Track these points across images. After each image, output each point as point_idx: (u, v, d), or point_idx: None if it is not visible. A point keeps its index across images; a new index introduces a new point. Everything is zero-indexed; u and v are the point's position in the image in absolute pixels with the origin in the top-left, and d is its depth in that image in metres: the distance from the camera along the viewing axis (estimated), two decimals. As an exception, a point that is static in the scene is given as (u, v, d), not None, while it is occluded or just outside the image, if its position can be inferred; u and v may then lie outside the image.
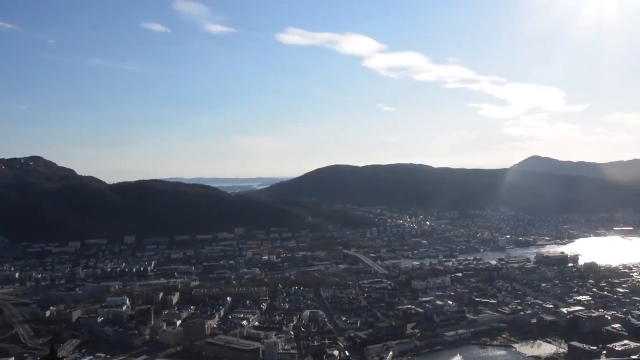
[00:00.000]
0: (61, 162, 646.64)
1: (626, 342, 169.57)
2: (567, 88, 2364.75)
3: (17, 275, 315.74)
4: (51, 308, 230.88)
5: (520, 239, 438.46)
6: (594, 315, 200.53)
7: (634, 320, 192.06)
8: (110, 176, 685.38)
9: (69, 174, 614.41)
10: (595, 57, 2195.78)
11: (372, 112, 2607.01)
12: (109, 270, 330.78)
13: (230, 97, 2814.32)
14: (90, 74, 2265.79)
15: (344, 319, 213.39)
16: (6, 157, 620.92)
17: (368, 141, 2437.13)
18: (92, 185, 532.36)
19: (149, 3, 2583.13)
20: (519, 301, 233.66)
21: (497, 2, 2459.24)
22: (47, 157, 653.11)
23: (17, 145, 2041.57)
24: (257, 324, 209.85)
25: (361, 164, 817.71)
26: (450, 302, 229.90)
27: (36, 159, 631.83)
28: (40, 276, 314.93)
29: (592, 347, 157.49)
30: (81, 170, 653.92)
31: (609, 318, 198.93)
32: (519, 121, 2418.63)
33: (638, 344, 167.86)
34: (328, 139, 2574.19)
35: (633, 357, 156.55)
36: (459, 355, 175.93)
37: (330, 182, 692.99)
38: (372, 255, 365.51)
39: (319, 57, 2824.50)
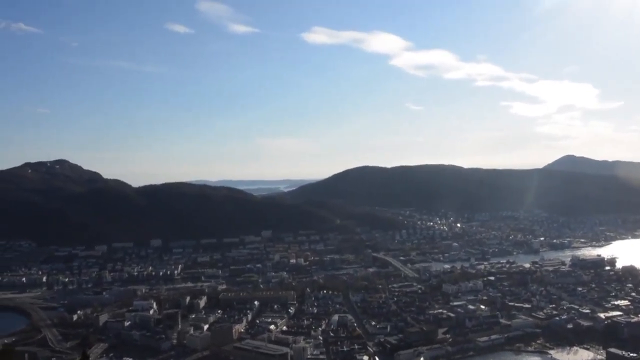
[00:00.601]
0: (86, 165, 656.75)
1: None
2: (600, 85, 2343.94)
3: (44, 279, 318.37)
4: (78, 312, 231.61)
5: (555, 241, 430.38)
6: (633, 320, 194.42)
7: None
8: (136, 179, 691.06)
9: (94, 177, 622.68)
10: (628, 53, 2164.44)
11: (400, 112, 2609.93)
12: (135, 273, 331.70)
13: (255, 98, 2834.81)
14: (113, 77, 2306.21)
15: (373, 323, 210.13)
16: (32, 161, 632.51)
17: (396, 141, 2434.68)
18: (117, 188, 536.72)
19: (171, 4, 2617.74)
20: (553, 305, 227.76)
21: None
22: (72, 161, 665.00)
23: (42, 149, 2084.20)
24: (284, 328, 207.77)
25: (389, 165, 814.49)
26: (483, 307, 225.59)
27: (62, 162, 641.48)
28: (67, 280, 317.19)
29: (631, 354, 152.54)
30: (106, 173, 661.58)
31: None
32: (551, 119, 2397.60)
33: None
34: (355, 140, 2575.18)
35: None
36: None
37: (358, 183, 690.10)
38: (401, 258, 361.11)
39: (344, 56, 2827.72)
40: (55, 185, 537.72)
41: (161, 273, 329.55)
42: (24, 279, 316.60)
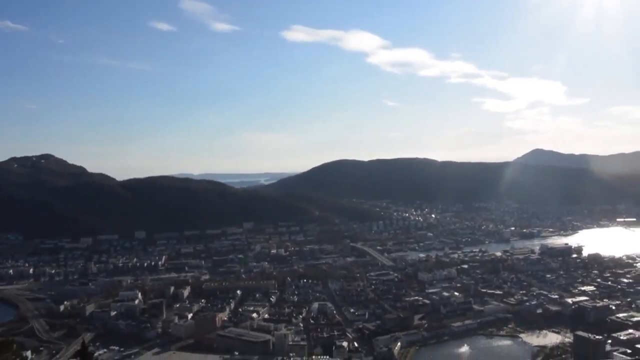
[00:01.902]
0: (72, 160, 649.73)
1: (631, 331, 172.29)
2: (568, 82, 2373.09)
3: (31, 271, 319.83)
4: (65, 302, 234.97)
5: (524, 230, 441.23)
6: (598, 305, 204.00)
7: None
8: (120, 173, 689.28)
9: (79, 171, 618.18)
10: (595, 51, 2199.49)
11: (377, 108, 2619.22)
12: (120, 265, 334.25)
13: (236, 94, 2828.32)
14: (98, 73, 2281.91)
15: (352, 310, 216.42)
16: (18, 156, 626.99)
17: (372, 136, 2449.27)
18: (102, 182, 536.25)
19: (155, 2, 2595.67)
20: (524, 292, 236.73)
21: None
22: (57, 155, 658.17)
23: (28, 144, 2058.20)
24: (266, 316, 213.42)
25: (366, 159, 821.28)
26: (457, 293, 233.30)
27: (47, 157, 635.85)
28: (53, 271, 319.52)
29: (597, 336, 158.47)
30: (91, 168, 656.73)
31: (613, 307, 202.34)
32: (521, 115, 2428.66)
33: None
34: (333, 134, 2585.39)
35: (637, 345, 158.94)
36: (465, 345, 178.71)
37: (336, 176, 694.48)
38: (378, 247, 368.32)
39: (323, 53, 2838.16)
40: (41, 180, 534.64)
41: (146, 264, 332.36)
42: (11, 271, 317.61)
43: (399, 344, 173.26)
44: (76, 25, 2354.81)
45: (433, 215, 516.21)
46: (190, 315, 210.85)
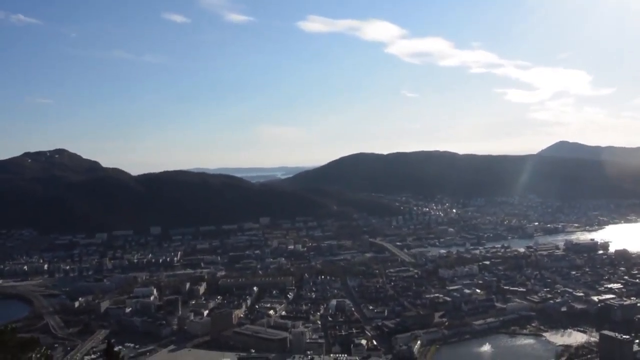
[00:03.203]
0: (86, 155, 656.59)
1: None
2: (594, 71, 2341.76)
3: (45, 267, 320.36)
4: (80, 299, 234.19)
5: (549, 225, 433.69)
6: (625, 303, 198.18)
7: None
8: (135, 167, 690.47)
9: (94, 165, 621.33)
10: (621, 39, 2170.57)
11: (396, 99, 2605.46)
12: (135, 261, 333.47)
13: (252, 87, 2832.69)
14: (112, 67, 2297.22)
15: (370, 307, 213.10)
16: (31, 151, 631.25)
17: (392, 128, 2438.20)
18: (117, 177, 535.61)
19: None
20: (548, 289, 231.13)
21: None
22: (71, 150, 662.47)
23: (41, 139, 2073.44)
24: (283, 313, 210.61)
25: (385, 152, 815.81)
26: (478, 291, 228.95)
27: (61, 152, 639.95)
28: (68, 267, 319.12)
29: (624, 336, 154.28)
30: (106, 162, 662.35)
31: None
32: (545, 106, 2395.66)
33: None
34: (351, 127, 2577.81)
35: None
36: (487, 344, 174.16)
37: (355, 170, 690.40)
38: (398, 243, 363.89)
39: (340, 44, 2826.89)
40: (55, 175, 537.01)
41: (161, 260, 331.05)
42: (25, 267, 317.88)
43: (418, 342, 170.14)
44: (89, 18, 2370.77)
45: (454, 210, 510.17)
46: (206, 312, 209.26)
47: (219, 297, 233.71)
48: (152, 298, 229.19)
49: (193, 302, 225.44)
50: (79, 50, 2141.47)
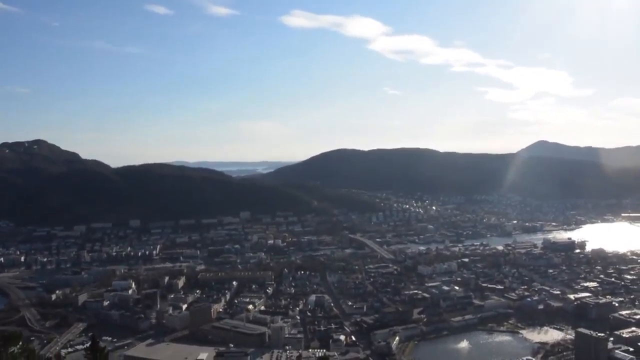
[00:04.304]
0: (65, 146, 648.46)
1: (633, 328, 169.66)
2: (574, 72, 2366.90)
3: (22, 259, 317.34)
4: (57, 291, 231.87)
5: (527, 224, 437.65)
6: (601, 301, 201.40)
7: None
8: (114, 160, 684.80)
9: (72, 157, 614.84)
10: (602, 41, 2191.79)
11: (378, 96, 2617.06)
12: (114, 253, 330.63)
13: (234, 80, 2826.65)
14: (93, 57, 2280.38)
15: (349, 303, 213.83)
16: (10, 141, 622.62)
17: (373, 125, 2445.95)
18: (96, 169, 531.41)
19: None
20: (525, 287, 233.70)
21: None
22: (50, 141, 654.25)
23: (20, 129, 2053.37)
24: (262, 308, 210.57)
25: (366, 148, 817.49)
26: (457, 288, 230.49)
27: (40, 143, 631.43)
28: (45, 260, 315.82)
29: (599, 334, 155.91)
30: (85, 154, 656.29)
31: (616, 304, 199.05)
32: (526, 105, 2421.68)
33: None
34: (333, 123, 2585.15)
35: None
36: (465, 340, 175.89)
37: (336, 166, 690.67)
38: (377, 239, 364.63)
39: (323, 39, 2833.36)
40: (33, 166, 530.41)
41: (140, 253, 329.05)
42: (1, 258, 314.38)
43: (397, 338, 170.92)
44: (71, 8, 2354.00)
45: (434, 207, 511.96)
46: (184, 306, 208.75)
47: (198, 291, 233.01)
48: (130, 291, 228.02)
49: (172, 296, 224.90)
50: (60, 39, 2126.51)
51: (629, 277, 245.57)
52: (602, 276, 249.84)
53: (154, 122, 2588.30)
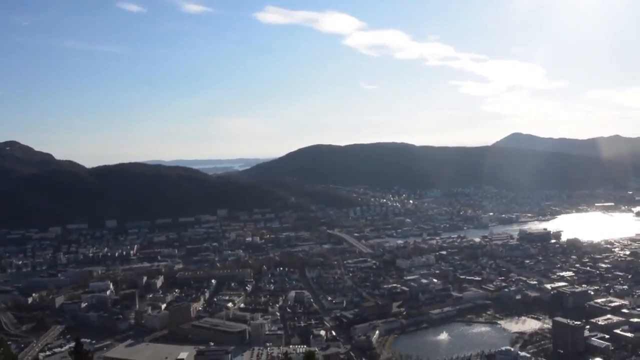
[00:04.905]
0: (38, 147, 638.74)
1: (609, 316, 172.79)
2: (548, 65, 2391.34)
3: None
4: (33, 294, 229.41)
5: (503, 215, 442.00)
6: (577, 290, 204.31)
7: None
8: (89, 160, 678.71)
9: (46, 158, 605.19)
10: (575, 34, 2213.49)
11: (353, 91, 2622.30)
12: (90, 255, 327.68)
13: (209, 78, 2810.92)
14: (66, 56, 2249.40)
15: (329, 298, 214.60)
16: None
17: (349, 120, 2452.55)
18: (70, 170, 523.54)
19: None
20: (503, 278, 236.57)
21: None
22: (23, 142, 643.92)
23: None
24: (242, 305, 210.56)
25: (343, 143, 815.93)
26: (435, 280, 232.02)
27: (12, 144, 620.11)
28: (20, 262, 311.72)
29: (575, 322, 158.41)
30: (59, 154, 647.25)
31: (592, 293, 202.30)
32: (500, 98, 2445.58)
33: (620, 318, 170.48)
34: (309, 119, 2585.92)
35: (615, 331, 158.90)
36: (444, 332, 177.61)
37: (312, 161, 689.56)
38: (355, 234, 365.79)
39: (298, 35, 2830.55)
40: (6, 167, 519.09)
41: (117, 254, 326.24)
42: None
43: (377, 332, 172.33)
44: (41, 7, 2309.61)
45: (411, 201, 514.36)
46: (163, 306, 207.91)
47: (176, 290, 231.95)
48: (108, 292, 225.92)
49: (150, 296, 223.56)
50: (31, 39, 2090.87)
51: (603, 265, 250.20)
52: (577, 265, 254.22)
53: (129, 121, 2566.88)
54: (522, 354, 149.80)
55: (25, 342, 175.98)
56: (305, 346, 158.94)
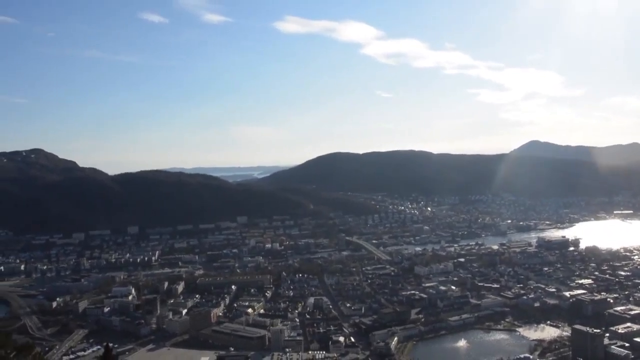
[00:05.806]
0: (62, 154, 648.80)
1: (628, 324, 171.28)
2: (565, 72, 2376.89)
3: (22, 267, 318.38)
4: (57, 299, 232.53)
5: (521, 223, 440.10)
6: (596, 298, 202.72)
7: None
8: (112, 167, 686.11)
9: (70, 165, 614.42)
10: (593, 40, 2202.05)
11: (371, 99, 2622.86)
12: (113, 260, 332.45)
13: (229, 87, 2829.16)
14: (89, 66, 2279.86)
15: (348, 305, 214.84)
16: (7, 151, 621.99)
17: (367, 128, 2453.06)
18: (94, 177, 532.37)
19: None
20: (521, 285, 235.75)
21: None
22: (48, 150, 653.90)
23: (17, 139, 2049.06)
24: (262, 311, 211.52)
25: (361, 151, 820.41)
26: (453, 287, 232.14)
27: (37, 152, 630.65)
28: (45, 267, 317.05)
29: (595, 330, 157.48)
30: (82, 162, 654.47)
31: (611, 301, 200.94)
32: (517, 106, 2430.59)
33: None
34: (327, 127, 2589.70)
35: (635, 339, 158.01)
36: (463, 339, 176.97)
37: (331, 169, 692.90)
38: (374, 241, 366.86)
39: (317, 45, 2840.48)
40: (31, 175, 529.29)
41: (139, 259, 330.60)
42: (1, 267, 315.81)
43: (395, 338, 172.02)
44: (66, 18, 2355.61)
45: (429, 209, 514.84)
46: (184, 311, 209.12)
47: (197, 296, 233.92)
48: (130, 297, 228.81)
49: (171, 301, 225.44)
50: (55, 49, 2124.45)
51: (622, 273, 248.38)
52: (596, 273, 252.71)
53: (151, 129, 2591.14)
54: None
55: (50, 345, 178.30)
56: (324, 352, 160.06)
